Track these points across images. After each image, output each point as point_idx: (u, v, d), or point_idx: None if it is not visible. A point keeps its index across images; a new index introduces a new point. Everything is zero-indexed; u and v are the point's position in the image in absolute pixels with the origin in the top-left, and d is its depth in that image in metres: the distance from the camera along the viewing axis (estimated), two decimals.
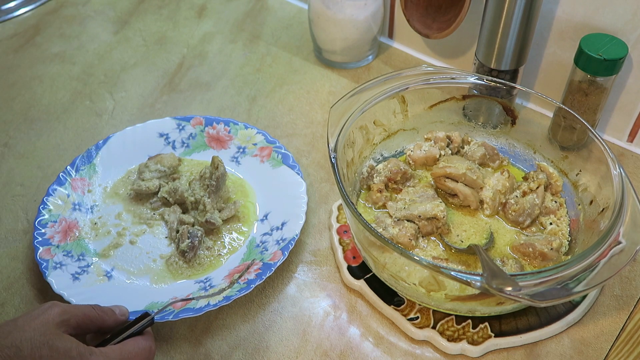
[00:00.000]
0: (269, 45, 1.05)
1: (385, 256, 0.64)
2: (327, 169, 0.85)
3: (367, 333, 0.67)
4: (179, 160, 0.83)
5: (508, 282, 0.53)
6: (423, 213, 0.69)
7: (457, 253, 0.69)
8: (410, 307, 0.68)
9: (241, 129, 0.86)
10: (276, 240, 0.73)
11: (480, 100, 0.79)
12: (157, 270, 0.72)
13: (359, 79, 0.98)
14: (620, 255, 0.57)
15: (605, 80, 0.75)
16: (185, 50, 1.05)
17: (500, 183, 0.72)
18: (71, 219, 0.76)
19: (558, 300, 0.56)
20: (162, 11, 1.13)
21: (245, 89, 0.97)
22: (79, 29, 1.09)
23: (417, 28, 0.92)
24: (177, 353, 0.66)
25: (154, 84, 0.98)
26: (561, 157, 0.76)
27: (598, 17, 0.79)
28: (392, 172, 0.75)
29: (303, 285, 0.72)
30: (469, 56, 0.95)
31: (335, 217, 0.76)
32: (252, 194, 0.80)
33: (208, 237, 0.75)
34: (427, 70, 0.77)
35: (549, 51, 0.85)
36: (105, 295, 0.68)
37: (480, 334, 0.65)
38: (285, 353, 0.66)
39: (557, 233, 0.71)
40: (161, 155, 0.82)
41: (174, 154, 0.83)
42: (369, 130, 0.77)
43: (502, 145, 0.81)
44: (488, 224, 0.72)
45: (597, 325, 0.67)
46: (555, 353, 0.65)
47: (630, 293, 0.70)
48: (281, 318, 0.69)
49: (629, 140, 0.87)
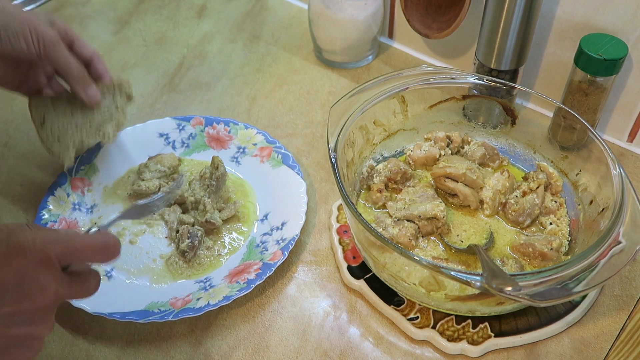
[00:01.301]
0: (269, 45, 1.05)
1: (385, 256, 0.64)
2: (327, 169, 0.85)
3: (367, 333, 0.67)
4: (179, 160, 0.83)
5: (508, 282, 0.53)
6: (423, 213, 0.69)
7: (457, 253, 0.69)
8: (410, 307, 0.68)
9: (241, 129, 0.86)
10: (276, 240, 0.73)
11: (480, 100, 0.79)
12: (157, 270, 0.72)
13: (359, 79, 0.98)
14: (620, 255, 0.57)
15: (605, 80, 0.75)
16: (185, 50, 1.05)
17: (500, 183, 0.72)
18: (71, 219, 0.76)
19: (558, 300, 0.56)
20: (162, 11, 1.13)
21: (245, 89, 0.97)
22: (79, 29, 1.09)
23: (417, 28, 0.92)
24: (177, 353, 0.66)
25: (154, 84, 0.98)
26: (561, 157, 0.76)
27: (598, 17, 0.79)
28: (392, 172, 0.75)
29: (303, 285, 0.72)
30: (469, 56, 0.95)
31: (335, 217, 0.76)
32: (252, 194, 0.80)
33: (208, 237, 0.75)
34: (427, 70, 0.77)
35: (549, 51, 0.85)
36: (105, 295, 0.68)
37: (480, 334, 0.65)
38: (285, 353, 0.66)
39: (557, 233, 0.71)
40: (161, 155, 0.82)
41: (174, 154, 0.83)
42: (369, 130, 0.77)
43: (502, 145, 0.81)
44: (488, 224, 0.72)
45: (597, 325, 0.67)
46: (555, 353, 0.65)
47: (630, 293, 0.70)
48: (281, 318, 0.69)
49: (629, 140, 0.87)
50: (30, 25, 0.65)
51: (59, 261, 0.48)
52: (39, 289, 0.46)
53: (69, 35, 0.72)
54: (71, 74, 0.70)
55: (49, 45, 0.67)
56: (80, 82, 0.71)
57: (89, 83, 0.72)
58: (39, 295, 0.46)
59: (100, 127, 0.75)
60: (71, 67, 0.70)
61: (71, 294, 0.50)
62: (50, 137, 0.73)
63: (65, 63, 0.69)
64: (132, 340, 0.67)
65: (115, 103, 0.76)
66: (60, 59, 0.69)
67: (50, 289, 0.47)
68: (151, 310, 0.66)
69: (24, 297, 0.46)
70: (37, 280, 0.46)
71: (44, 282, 0.46)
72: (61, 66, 0.69)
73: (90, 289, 0.52)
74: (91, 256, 0.51)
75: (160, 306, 0.67)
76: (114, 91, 0.76)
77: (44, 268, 0.47)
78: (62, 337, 0.67)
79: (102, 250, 0.51)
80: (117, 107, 0.76)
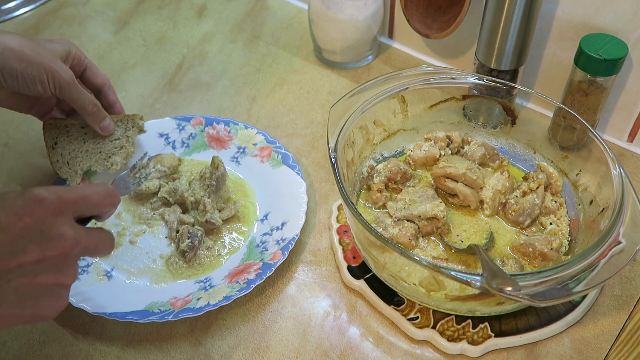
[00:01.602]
0: (269, 45, 1.05)
1: (385, 256, 0.64)
2: (327, 169, 0.85)
3: (367, 333, 0.67)
4: (179, 161, 0.83)
5: (508, 282, 0.53)
6: (423, 213, 0.69)
7: (457, 253, 0.69)
8: (410, 307, 0.68)
9: (241, 129, 0.86)
10: (276, 240, 0.73)
11: (480, 100, 0.79)
12: (157, 270, 0.72)
13: (359, 79, 0.98)
14: (620, 255, 0.57)
15: (605, 80, 0.75)
16: (185, 50, 1.05)
17: (500, 183, 0.72)
18: None
19: (558, 300, 0.56)
20: (162, 11, 1.13)
21: (245, 89, 0.97)
22: (79, 29, 1.09)
23: (417, 28, 0.92)
24: (177, 353, 0.66)
25: (154, 84, 0.98)
26: (561, 157, 0.76)
27: (598, 17, 0.79)
28: (392, 172, 0.75)
29: (303, 285, 0.72)
30: (469, 56, 0.95)
31: (335, 217, 0.76)
32: (252, 194, 0.80)
33: (208, 237, 0.75)
34: (427, 70, 0.77)
35: (549, 51, 0.85)
36: (105, 295, 0.68)
37: (480, 334, 0.65)
38: (285, 353, 0.66)
39: (557, 233, 0.71)
40: (161, 155, 0.82)
41: (174, 154, 0.83)
42: (369, 130, 0.77)
43: (502, 145, 0.81)
44: (488, 224, 0.72)
45: (597, 325, 0.67)
46: (555, 353, 0.65)
47: (630, 293, 0.70)
48: (281, 318, 0.69)
49: (629, 140, 0.87)
50: (47, 69, 0.69)
51: (72, 212, 0.50)
52: (60, 236, 0.48)
53: (83, 63, 0.77)
54: (85, 110, 0.74)
55: (64, 87, 0.71)
56: (94, 117, 0.75)
57: (102, 118, 0.76)
58: (60, 242, 0.48)
59: (110, 156, 0.78)
60: (85, 104, 0.74)
61: (89, 245, 0.52)
62: (60, 160, 0.77)
63: (79, 100, 0.73)
64: (132, 340, 0.67)
65: (127, 135, 0.79)
66: (74, 97, 0.72)
67: (69, 236, 0.49)
68: (151, 310, 0.66)
69: (46, 245, 0.48)
70: (58, 228, 0.48)
71: (63, 230, 0.49)
72: (75, 103, 0.73)
73: (105, 243, 0.54)
74: (100, 202, 0.53)
75: (160, 306, 0.67)
76: (127, 123, 0.80)
77: (61, 216, 0.49)
78: (62, 338, 0.67)
79: (107, 196, 0.54)
80: (127, 139, 0.79)
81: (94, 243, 0.53)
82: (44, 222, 0.48)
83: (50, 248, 0.48)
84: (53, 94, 0.71)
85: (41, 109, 0.79)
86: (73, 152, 0.77)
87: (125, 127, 0.80)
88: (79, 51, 0.76)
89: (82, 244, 0.50)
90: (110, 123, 0.77)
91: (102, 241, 0.54)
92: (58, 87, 0.70)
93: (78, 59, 0.76)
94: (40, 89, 0.70)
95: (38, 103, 0.78)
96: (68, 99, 0.72)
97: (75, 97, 0.72)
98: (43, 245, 0.48)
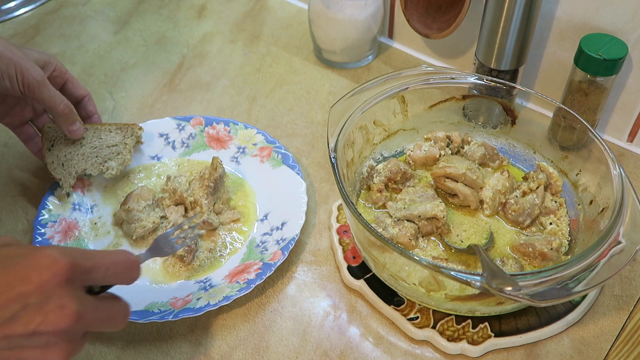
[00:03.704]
0: (269, 45, 1.05)
1: (385, 256, 0.64)
2: (327, 169, 0.85)
3: (367, 333, 0.67)
4: (153, 191, 0.79)
5: (508, 282, 0.53)
6: (423, 213, 0.69)
7: (457, 253, 0.69)
8: (410, 307, 0.68)
9: (241, 129, 0.86)
10: (276, 240, 0.73)
11: (480, 100, 0.79)
12: (156, 270, 0.72)
13: (359, 79, 0.98)
14: (620, 255, 0.57)
15: (605, 80, 0.75)
16: (185, 50, 1.05)
17: (500, 183, 0.72)
18: (71, 219, 0.76)
19: (558, 300, 0.56)
20: (162, 11, 1.13)
21: (245, 89, 0.97)
22: (79, 29, 1.09)
23: (417, 28, 0.92)
24: (177, 353, 0.66)
25: (154, 84, 0.98)
26: (561, 157, 0.76)
27: (598, 17, 0.79)
28: (392, 172, 0.75)
29: (303, 285, 0.72)
30: (469, 56, 0.95)
31: (335, 217, 0.76)
32: (252, 194, 0.80)
33: (208, 238, 0.75)
34: (427, 70, 0.77)
35: (549, 51, 0.85)
36: None
37: (480, 334, 0.65)
38: (285, 353, 0.66)
39: (557, 233, 0.71)
40: (133, 193, 0.77)
41: (146, 187, 0.79)
42: (369, 130, 0.77)
43: (502, 145, 0.81)
44: (488, 224, 0.72)
45: (597, 325, 0.67)
46: (555, 353, 0.65)
47: (630, 293, 0.70)
48: (281, 318, 0.69)
49: (629, 140, 0.87)
50: (16, 65, 0.68)
51: (83, 281, 0.46)
52: (59, 308, 0.43)
53: (64, 76, 0.77)
54: (56, 110, 0.74)
55: (33, 84, 0.70)
56: (64, 118, 0.75)
57: (73, 120, 0.76)
58: (58, 315, 0.43)
59: (106, 160, 0.78)
60: (56, 104, 0.73)
61: (95, 320, 0.47)
62: (55, 161, 0.77)
63: (49, 100, 0.72)
64: (132, 340, 0.67)
65: (125, 142, 0.80)
66: (44, 96, 0.72)
67: (70, 310, 0.44)
68: (151, 310, 0.66)
69: (43, 317, 0.43)
70: (60, 298, 0.44)
71: (65, 301, 0.44)
72: (45, 103, 0.73)
73: (118, 319, 0.50)
74: (117, 275, 0.49)
75: (160, 306, 0.67)
76: (126, 131, 0.81)
77: (67, 286, 0.44)
78: None
79: (126, 269, 0.50)
80: (125, 146, 0.80)
81: (104, 318, 0.48)
82: (46, 289, 0.43)
83: (45, 322, 0.43)
84: (22, 92, 0.70)
85: (15, 118, 0.78)
86: (69, 154, 0.77)
87: (124, 134, 0.80)
88: (61, 65, 0.77)
89: (86, 319, 0.45)
90: (80, 127, 0.77)
91: (115, 316, 0.49)
92: (27, 84, 0.69)
93: (59, 71, 0.76)
94: (9, 84, 0.69)
95: (11, 112, 0.77)
96: (38, 99, 0.71)
97: (45, 96, 0.71)
98: (38, 317, 0.43)
